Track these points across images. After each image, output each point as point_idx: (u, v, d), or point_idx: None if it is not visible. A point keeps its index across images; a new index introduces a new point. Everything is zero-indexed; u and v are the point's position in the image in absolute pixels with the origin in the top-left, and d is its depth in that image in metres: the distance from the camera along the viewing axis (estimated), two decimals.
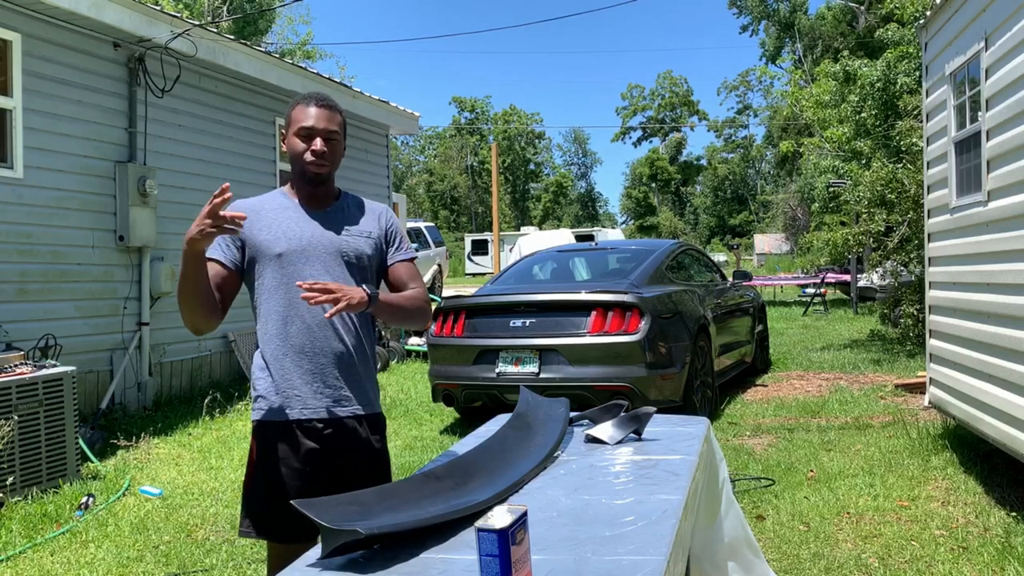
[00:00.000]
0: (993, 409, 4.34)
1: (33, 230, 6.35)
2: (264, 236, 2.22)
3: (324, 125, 2.23)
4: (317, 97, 2.27)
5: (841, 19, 34.96)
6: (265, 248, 2.22)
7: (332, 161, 2.26)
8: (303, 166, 2.24)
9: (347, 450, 2.23)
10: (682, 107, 71.11)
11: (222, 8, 30.59)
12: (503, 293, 6.57)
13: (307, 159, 2.22)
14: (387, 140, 12.05)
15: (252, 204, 2.28)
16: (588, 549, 1.52)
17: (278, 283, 2.21)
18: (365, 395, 2.28)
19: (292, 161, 2.27)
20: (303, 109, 2.24)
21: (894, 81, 16.89)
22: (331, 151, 2.25)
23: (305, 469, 2.17)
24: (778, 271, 31.10)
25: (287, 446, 2.18)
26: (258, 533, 2.21)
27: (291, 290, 2.18)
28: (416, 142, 67.82)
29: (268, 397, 2.20)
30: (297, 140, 2.23)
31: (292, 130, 2.24)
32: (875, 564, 3.56)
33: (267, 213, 2.26)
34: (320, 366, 2.20)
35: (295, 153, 2.24)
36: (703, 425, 2.64)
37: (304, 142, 2.22)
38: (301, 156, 2.23)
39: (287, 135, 2.27)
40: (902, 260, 10.69)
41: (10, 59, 6.21)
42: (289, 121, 2.26)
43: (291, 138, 2.24)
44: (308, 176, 2.25)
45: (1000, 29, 4.29)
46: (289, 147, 2.26)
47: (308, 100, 2.26)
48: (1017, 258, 4.02)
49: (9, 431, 4.61)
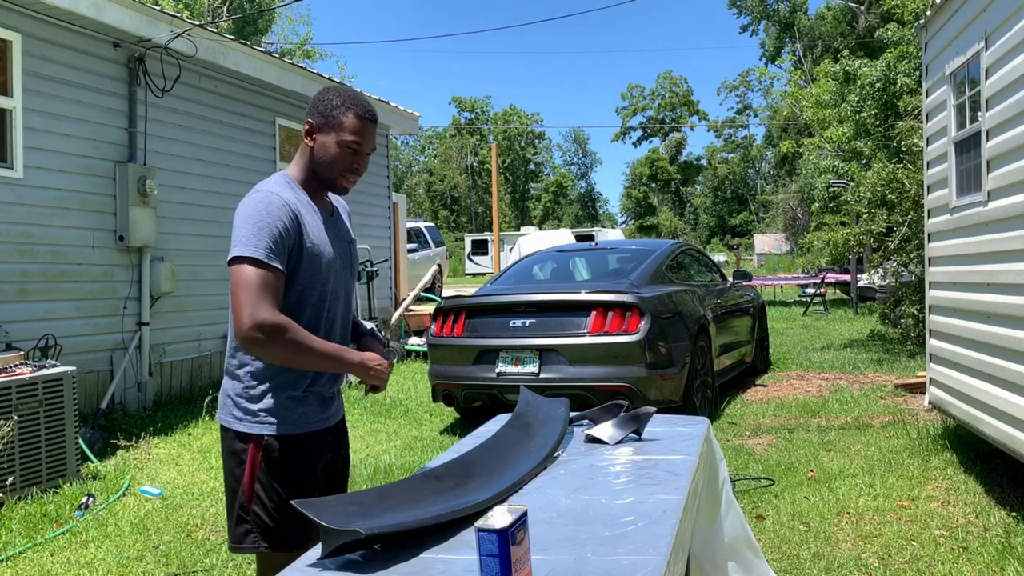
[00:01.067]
0: (993, 409, 4.34)
1: (33, 230, 6.35)
2: (309, 245, 2.08)
3: (372, 144, 2.13)
4: (370, 110, 2.12)
5: (841, 19, 34.95)
6: (309, 258, 2.08)
7: None
8: (336, 179, 2.12)
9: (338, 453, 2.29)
10: (682, 107, 71.13)
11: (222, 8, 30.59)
12: (503, 293, 6.57)
13: (347, 175, 2.12)
14: (387, 140, 12.06)
15: (292, 200, 2.07)
16: (588, 549, 1.52)
17: (311, 295, 2.11)
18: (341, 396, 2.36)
19: (324, 166, 2.11)
20: (357, 121, 2.09)
21: (894, 81, 16.89)
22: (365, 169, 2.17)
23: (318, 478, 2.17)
24: (778, 271, 31.10)
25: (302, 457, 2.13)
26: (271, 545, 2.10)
27: (318, 305, 2.12)
28: (416, 142, 67.87)
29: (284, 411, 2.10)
30: (340, 150, 2.09)
31: (337, 136, 2.08)
32: (875, 564, 3.56)
33: (304, 216, 2.09)
34: (331, 379, 2.20)
35: (334, 162, 2.10)
36: (703, 425, 2.64)
37: (349, 156, 2.10)
38: (340, 169, 2.11)
39: (322, 133, 2.10)
40: (902, 260, 10.69)
41: (10, 59, 6.21)
42: (334, 123, 2.09)
43: (332, 143, 2.09)
44: (337, 189, 2.16)
45: (1000, 29, 4.29)
46: (325, 150, 2.10)
47: (361, 109, 2.10)
48: (1017, 258, 4.02)
49: (9, 431, 4.61)
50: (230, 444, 2.13)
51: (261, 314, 1.92)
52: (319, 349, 2.01)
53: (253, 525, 2.10)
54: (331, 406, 2.24)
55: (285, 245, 2.00)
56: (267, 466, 2.10)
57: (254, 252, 1.95)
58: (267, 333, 1.92)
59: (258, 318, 1.92)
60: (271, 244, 1.97)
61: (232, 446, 2.12)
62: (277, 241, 1.98)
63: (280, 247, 1.99)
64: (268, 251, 1.96)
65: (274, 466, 2.10)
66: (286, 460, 2.11)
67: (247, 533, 2.10)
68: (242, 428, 2.11)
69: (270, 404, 2.09)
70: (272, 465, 2.10)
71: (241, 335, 1.93)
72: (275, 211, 2.00)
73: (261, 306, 1.93)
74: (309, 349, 1.98)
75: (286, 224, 2.01)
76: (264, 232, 1.97)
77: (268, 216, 1.99)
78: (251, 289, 1.93)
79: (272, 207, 2.01)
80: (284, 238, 2.00)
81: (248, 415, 2.10)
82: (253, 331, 1.92)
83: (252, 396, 2.10)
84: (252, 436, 2.10)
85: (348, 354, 2.08)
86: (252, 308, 1.92)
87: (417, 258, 17.92)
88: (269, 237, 1.97)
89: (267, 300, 1.94)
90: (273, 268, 1.97)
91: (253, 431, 2.10)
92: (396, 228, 12.42)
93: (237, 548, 2.12)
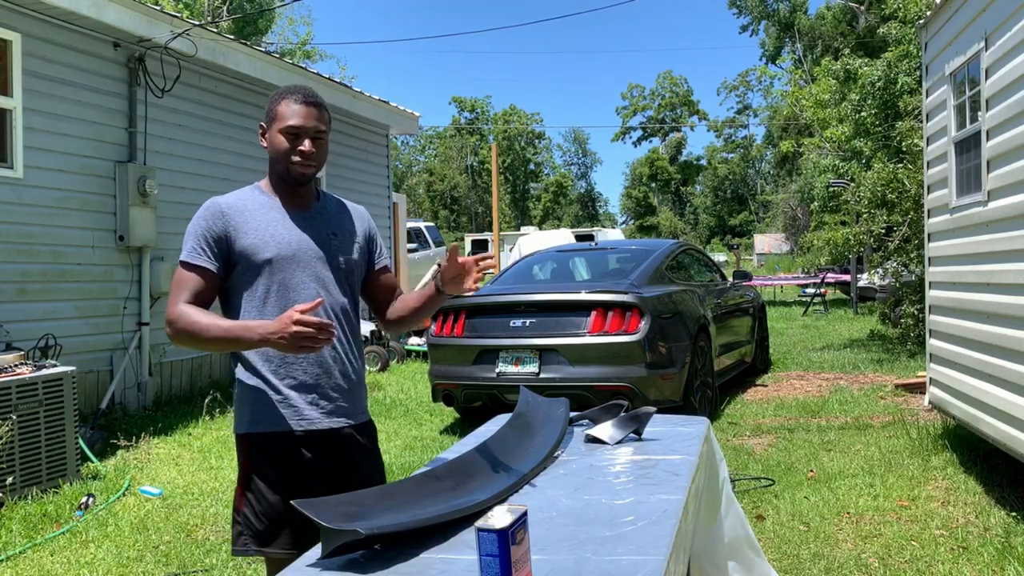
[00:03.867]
0: (993, 409, 4.33)
1: (33, 230, 6.35)
2: (251, 240, 2.08)
3: (313, 124, 2.10)
4: (304, 93, 2.13)
5: (841, 19, 34.92)
6: (252, 253, 2.08)
7: (319, 162, 2.14)
8: (288, 166, 2.11)
9: (344, 460, 2.17)
10: (682, 107, 71.10)
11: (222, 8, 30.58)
12: (503, 293, 6.57)
13: (294, 160, 2.10)
14: (387, 140, 12.06)
15: (233, 203, 2.13)
16: (588, 549, 1.52)
17: (268, 291, 2.09)
18: (359, 403, 2.24)
19: (275, 160, 2.13)
20: (289, 105, 2.10)
21: (894, 81, 16.88)
22: (319, 151, 2.12)
23: (302, 482, 2.08)
24: (778, 271, 31.10)
25: (283, 459, 2.09)
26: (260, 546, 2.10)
27: (285, 298, 2.09)
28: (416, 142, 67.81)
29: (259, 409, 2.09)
30: (282, 138, 2.10)
31: (276, 127, 2.10)
32: (875, 564, 3.56)
33: (251, 214, 2.11)
34: (313, 377, 2.12)
35: (279, 152, 2.11)
36: (703, 425, 2.63)
37: (290, 141, 2.09)
38: (287, 156, 2.10)
39: (268, 130, 2.14)
40: (902, 260, 10.69)
41: (10, 59, 6.21)
42: (272, 116, 2.12)
43: (274, 135, 2.11)
44: (293, 177, 2.12)
45: (1000, 29, 4.29)
46: (271, 144, 2.13)
47: (294, 95, 2.11)
48: (1017, 258, 4.02)
49: (9, 431, 4.61)
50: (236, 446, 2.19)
51: (169, 311, 2.05)
52: (213, 334, 1.99)
53: (243, 527, 2.11)
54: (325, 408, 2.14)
55: (211, 243, 2.08)
56: (251, 466, 2.12)
57: (183, 256, 2.10)
58: (170, 327, 2.05)
59: (167, 315, 2.06)
60: (195, 244, 2.08)
61: (237, 447, 2.18)
62: (201, 240, 2.08)
63: (206, 245, 2.08)
64: (191, 251, 2.08)
65: (257, 466, 2.11)
66: (268, 459, 2.10)
67: (239, 535, 2.12)
68: (238, 429, 2.16)
69: (251, 403, 2.12)
70: (256, 465, 2.11)
71: None
72: (204, 214, 2.12)
73: (171, 304, 2.06)
74: (201, 335, 2.00)
75: (210, 224, 2.10)
76: (190, 235, 2.10)
77: (198, 220, 2.12)
78: (172, 290, 2.09)
79: (203, 211, 2.13)
80: (208, 237, 2.08)
81: (240, 416, 2.15)
82: (166, 327, 2.06)
83: (239, 396, 2.16)
84: (239, 436, 2.15)
85: (249, 332, 1.95)
86: (168, 307, 2.06)
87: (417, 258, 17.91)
88: (194, 238, 2.09)
89: (178, 296, 2.05)
90: (194, 266, 2.07)
91: (240, 431, 2.14)
92: (396, 228, 12.43)
93: (234, 551, 2.14)
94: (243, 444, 2.13)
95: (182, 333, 2.02)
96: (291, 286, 2.10)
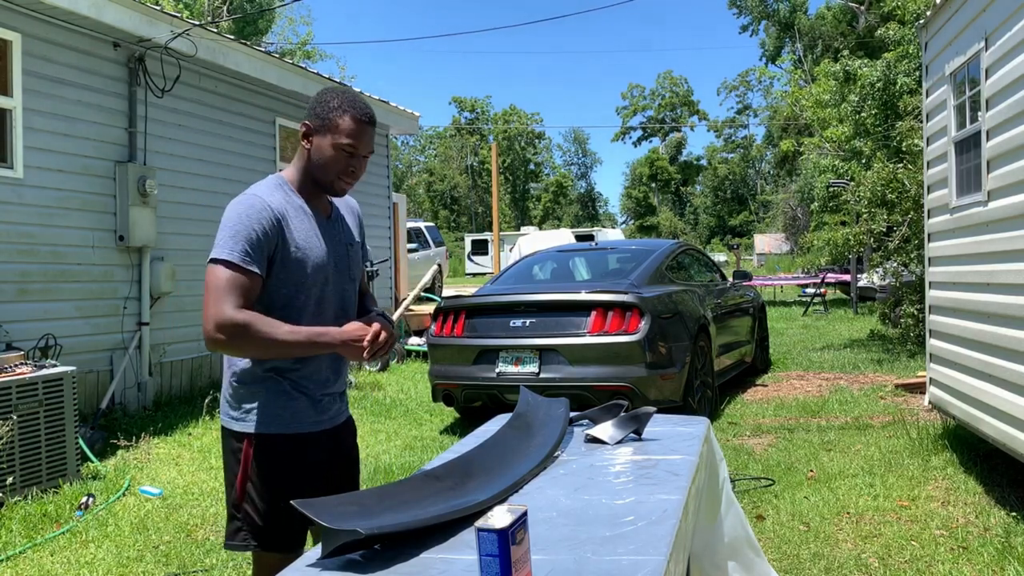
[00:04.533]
0: (993, 409, 4.33)
1: (33, 230, 6.35)
2: (293, 249, 2.05)
3: (369, 148, 2.10)
4: (370, 115, 2.09)
5: (841, 19, 34.93)
6: (294, 263, 2.06)
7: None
8: (333, 182, 2.10)
9: (339, 457, 2.28)
10: (682, 107, 71.10)
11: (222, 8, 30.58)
12: (503, 293, 6.57)
13: (343, 179, 2.10)
14: (387, 140, 12.05)
15: (278, 206, 2.06)
16: (588, 549, 1.52)
17: (298, 299, 2.09)
18: (346, 400, 2.35)
19: (319, 169, 2.09)
20: (354, 123, 2.05)
21: (894, 81, 16.88)
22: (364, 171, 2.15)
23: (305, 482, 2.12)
24: (778, 271, 31.10)
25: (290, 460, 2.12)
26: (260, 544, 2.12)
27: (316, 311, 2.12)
28: (416, 142, 67.85)
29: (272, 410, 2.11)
30: (336, 153, 2.06)
31: (333, 139, 2.05)
32: (875, 564, 3.56)
33: (292, 220, 2.07)
34: (326, 380, 2.19)
35: (329, 165, 2.07)
36: (703, 425, 2.63)
37: (344, 160, 2.07)
38: (335, 172, 2.08)
39: (319, 137, 2.07)
40: (902, 260, 10.69)
41: (10, 59, 6.21)
42: (329, 125, 2.06)
43: (328, 146, 2.06)
44: (334, 191, 2.14)
45: (1000, 29, 4.29)
46: (320, 152, 2.07)
47: (362, 114, 2.07)
48: (1017, 258, 4.02)
49: (9, 431, 4.61)
50: (228, 443, 2.17)
51: (224, 314, 1.93)
52: (289, 338, 1.97)
53: (243, 523, 2.13)
54: (329, 409, 2.22)
55: (263, 249, 2.00)
56: (258, 465, 2.12)
57: (228, 255, 1.97)
58: (229, 332, 1.93)
59: (220, 318, 1.93)
60: (247, 247, 1.98)
61: (230, 445, 2.17)
62: (254, 244, 1.99)
63: (257, 250, 1.99)
64: (243, 254, 1.97)
65: (265, 465, 2.12)
66: (278, 460, 2.12)
67: (237, 531, 2.14)
68: (237, 427, 2.15)
69: (260, 403, 2.12)
70: (263, 464, 2.12)
71: (205, 336, 1.96)
72: (255, 214, 2.00)
73: (224, 306, 1.94)
74: (275, 340, 1.96)
75: (265, 228, 2.00)
76: (241, 236, 1.98)
77: (247, 219, 2.00)
78: (216, 291, 1.95)
79: (252, 210, 2.01)
80: (262, 241, 2.00)
81: (242, 414, 2.14)
82: (215, 332, 1.94)
83: (243, 395, 2.14)
84: (245, 435, 2.14)
85: (324, 336, 2.02)
86: (215, 309, 1.94)
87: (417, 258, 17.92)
88: (245, 240, 1.98)
89: (231, 300, 1.94)
90: (245, 271, 1.97)
91: (246, 430, 2.13)
92: (396, 228, 12.43)
93: (228, 545, 2.16)
94: (248, 443, 2.13)
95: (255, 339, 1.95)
96: (313, 297, 2.12)
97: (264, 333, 1.95)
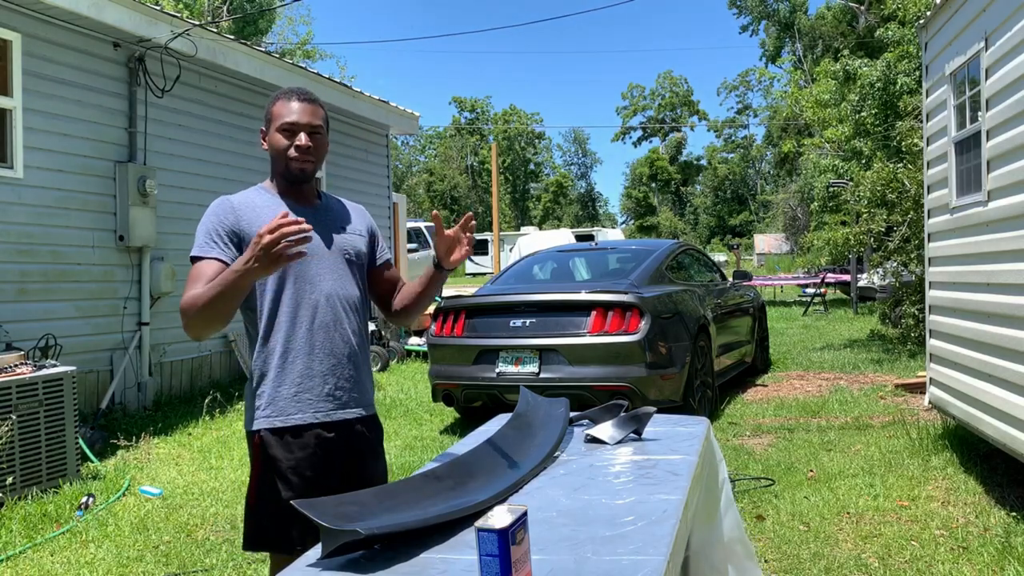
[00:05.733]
0: (993, 409, 4.33)
1: (33, 230, 6.35)
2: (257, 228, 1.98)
3: (308, 120, 2.16)
4: (298, 92, 2.20)
5: (841, 19, 34.91)
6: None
7: (317, 157, 2.19)
8: (287, 163, 2.17)
9: (353, 454, 2.21)
10: (682, 107, 71.06)
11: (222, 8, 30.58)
12: (503, 293, 6.57)
13: (292, 155, 2.16)
14: (387, 140, 12.06)
15: (242, 200, 2.19)
16: (588, 549, 1.52)
17: (282, 283, 2.14)
18: (367, 396, 2.28)
19: (275, 158, 2.20)
20: (284, 104, 2.17)
21: (894, 81, 16.88)
22: (316, 146, 2.18)
23: (315, 475, 2.11)
24: (778, 271, 31.10)
25: (296, 453, 2.11)
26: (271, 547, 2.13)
27: (298, 291, 2.14)
28: (416, 142, 67.83)
29: (274, 403, 2.12)
30: (280, 136, 2.16)
31: (274, 126, 2.17)
32: (875, 564, 3.56)
33: (260, 209, 2.15)
34: (329, 368, 2.16)
35: (278, 149, 2.17)
36: (703, 425, 2.63)
37: (287, 138, 2.16)
38: (285, 152, 2.16)
39: (267, 131, 2.21)
40: (902, 260, 10.69)
41: (10, 59, 6.21)
42: (270, 117, 2.20)
43: (273, 134, 2.18)
44: (293, 173, 2.18)
45: (1000, 29, 4.29)
46: (271, 144, 2.19)
47: (289, 95, 2.19)
48: (1017, 258, 4.02)
49: (9, 431, 4.61)
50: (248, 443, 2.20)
51: (181, 303, 2.05)
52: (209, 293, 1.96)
53: (257, 525, 2.14)
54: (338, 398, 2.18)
55: (221, 234, 2.11)
56: (264, 462, 2.12)
57: (194, 251, 2.12)
58: (184, 315, 2.04)
59: (180, 307, 2.05)
60: (205, 240, 2.11)
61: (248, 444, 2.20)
62: (212, 232, 2.11)
63: (217, 236, 2.11)
64: (202, 245, 2.10)
65: (271, 462, 2.12)
66: (282, 455, 2.12)
67: (251, 532, 2.16)
68: (249, 426, 2.18)
69: (266, 399, 2.13)
70: (269, 461, 2.12)
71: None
72: (216, 210, 2.15)
73: (184, 296, 2.04)
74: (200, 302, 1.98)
75: (221, 218, 2.13)
76: (201, 232, 2.13)
77: (208, 217, 2.16)
78: (186, 287, 2.08)
79: (212, 208, 2.16)
80: (219, 229, 2.11)
81: (252, 412, 2.17)
82: (182, 319, 2.06)
83: (253, 393, 2.18)
84: (251, 433, 2.16)
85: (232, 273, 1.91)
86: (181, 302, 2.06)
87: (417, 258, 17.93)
88: (205, 234, 2.12)
89: (189, 288, 2.04)
90: (205, 258, 2.09)
91: (252, 427, 2.16)
92: (396, 228, 12.43)
93: (245, 547, 2.17)
94: (257, 440, 2.13)
95: (192, 312, 1.98)
96: (308, 277, 2.15)
97: (200, 298, 1.98)
